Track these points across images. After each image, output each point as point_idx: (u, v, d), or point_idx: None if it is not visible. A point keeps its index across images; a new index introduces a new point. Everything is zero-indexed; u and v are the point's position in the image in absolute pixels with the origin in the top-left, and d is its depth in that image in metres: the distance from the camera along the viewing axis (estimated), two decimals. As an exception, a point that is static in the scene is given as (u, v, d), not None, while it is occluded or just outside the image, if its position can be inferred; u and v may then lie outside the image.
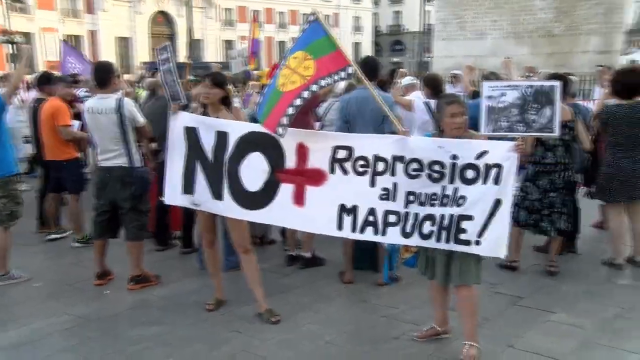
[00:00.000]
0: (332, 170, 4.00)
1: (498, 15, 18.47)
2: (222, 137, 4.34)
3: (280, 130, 3.86)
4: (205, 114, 4.53)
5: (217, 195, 4.39)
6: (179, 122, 4.53)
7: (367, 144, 3.96)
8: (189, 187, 4.53)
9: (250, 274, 4.58)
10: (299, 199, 4.12)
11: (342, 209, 3.99)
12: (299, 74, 3.88)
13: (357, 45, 61.44)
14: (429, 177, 3.71)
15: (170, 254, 6.31)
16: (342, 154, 3.97)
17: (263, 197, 4.24)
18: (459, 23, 19.53)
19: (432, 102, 6.31)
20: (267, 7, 53.27)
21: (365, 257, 5.47)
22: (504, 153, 3.54)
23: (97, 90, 5.17)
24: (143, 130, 5.15)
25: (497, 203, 3.54)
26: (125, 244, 5.25)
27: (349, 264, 5.36)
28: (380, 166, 3.86)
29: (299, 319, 4.56)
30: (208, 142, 4.40)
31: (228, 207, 4.37)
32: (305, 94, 3.82)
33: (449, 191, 3.67)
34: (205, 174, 4.44)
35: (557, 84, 3.50)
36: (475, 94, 7.21)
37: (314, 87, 3.84)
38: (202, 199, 4.48)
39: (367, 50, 60.88)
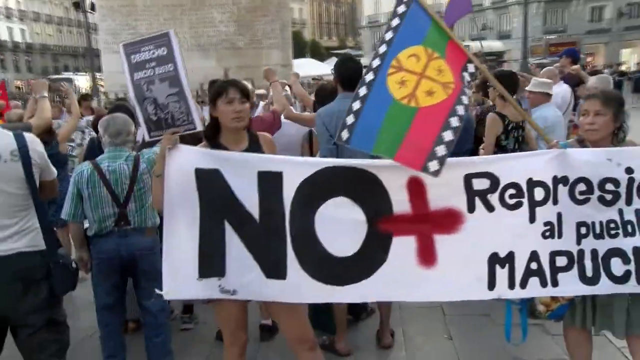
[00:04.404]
0: (471, 209, 2.73)
1: (177, 27, 17.51)
2: (270, 180, 2.71)
3: (433, 165, 2.41)
4: (217, 146, 2.67)
5: (274, 271, 2.72)
6: (184, 162, 2.64)
7: (514, 166, 2.78)
8: (212, 267, 2.71)
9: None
10: (426, 256, 2.70)
11: (494, 259, 2.69)
12: (434, 80, 2.59)
13: None
14: (601, 200, 2.70)
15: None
16: (481, 183, 2.73)
17: (364, 263, 2.75)
18: (132, 34, 17.72)
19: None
20: None
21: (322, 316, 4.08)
22: None
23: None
24: (51, 187, 2.82)
25: None
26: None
27: (344, 330, 3.97)
28: (539, 193, 2.73)
29: None
30: (245, 191, 2.65)
31: (297, 288, 2.73)
32: (460, 110, 2.54)
33: (630, 216, 2.71)
34: (247, 242, 2.64)
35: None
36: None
37: (465, 99, 2.59)
38: (242, 281, 2.75)
39: None
